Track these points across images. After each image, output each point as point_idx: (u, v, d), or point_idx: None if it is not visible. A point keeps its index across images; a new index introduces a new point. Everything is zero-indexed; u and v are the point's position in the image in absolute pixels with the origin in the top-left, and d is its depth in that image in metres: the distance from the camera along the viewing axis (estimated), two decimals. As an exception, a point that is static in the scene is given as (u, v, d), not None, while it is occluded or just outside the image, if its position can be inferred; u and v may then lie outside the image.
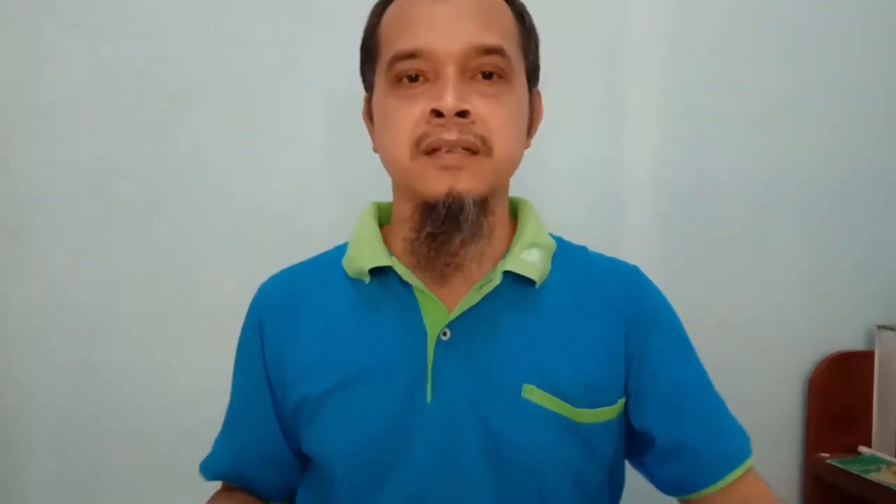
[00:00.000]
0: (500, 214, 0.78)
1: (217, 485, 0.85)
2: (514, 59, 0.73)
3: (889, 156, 1.42)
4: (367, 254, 0.77)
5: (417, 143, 0.70)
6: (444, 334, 0.73)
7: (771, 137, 1.37)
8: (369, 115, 0.80)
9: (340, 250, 0.83)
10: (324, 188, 1.22)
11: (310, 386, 0.74)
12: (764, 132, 1.36)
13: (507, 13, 0.74)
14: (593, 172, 1.30)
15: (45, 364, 1.16)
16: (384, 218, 0.85)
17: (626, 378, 0.76)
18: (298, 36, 1.20)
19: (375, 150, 0.79)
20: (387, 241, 0.79)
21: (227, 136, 1.19)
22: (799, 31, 1.37)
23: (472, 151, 0.69)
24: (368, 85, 0.79)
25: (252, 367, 0.79)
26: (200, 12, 1.18)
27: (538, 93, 0.82)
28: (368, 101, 0.80)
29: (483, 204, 0.71)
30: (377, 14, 0.77)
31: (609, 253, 1.30)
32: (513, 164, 0.75)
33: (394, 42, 0.72)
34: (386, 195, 0.90)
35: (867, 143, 1.40)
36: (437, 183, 0.69)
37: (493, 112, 0.70)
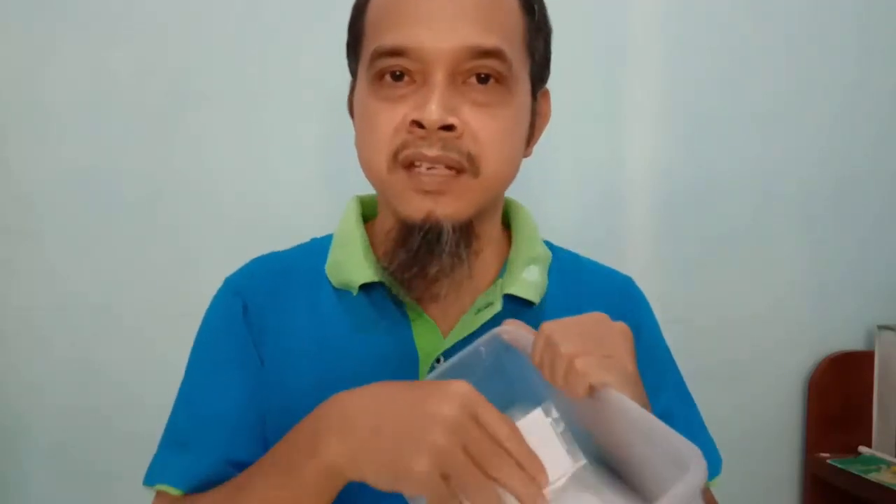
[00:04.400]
0: (489, 233, 0.71)
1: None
2: (517, 63, 0.64)
3: (889, 156, 1.42)
4: (354, 264, 0.69)
5: (395, 154, 0.62)
6: (438, 362, 0.67)
7: (771, 137, 1.37)
8: (351, 107, 0.72)
9: (322, 245, 0.75)
10: (324, 188, 1.22)
11: (286, 402, 0.65)
12: (764, 132, 1.36)
13: (512, 4, 0.65)
14: (593, 172, 1.30)
15: (46, 363, 1.16)
16: (369, 213, 0.77)
17: None
18: (298, 36, 1.21)
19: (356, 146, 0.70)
20: (372, 241, 0.72)
21: (228, 137, 1.19)
22: (798, 31, 1.37)
23: (457, 170, 0.62)
24: (352, 72, 0.72)
25: (244, 345, 0.69)
26: (200, 13, 1.18)
27: (546, 92, 0.74)
28: (353, 90, 0.72)
29: (465, 230, 0.64)
30: None
31: (609, 253, 1.30)
32: (504, 184, 0.69)
33: (378, 33, 0.64)
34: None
35: (867, 143, 1.40)
36: (414, 206, 0.63)
37: (485, 125, 0.62)
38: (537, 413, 0.52)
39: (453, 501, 0.48)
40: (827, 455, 1.34)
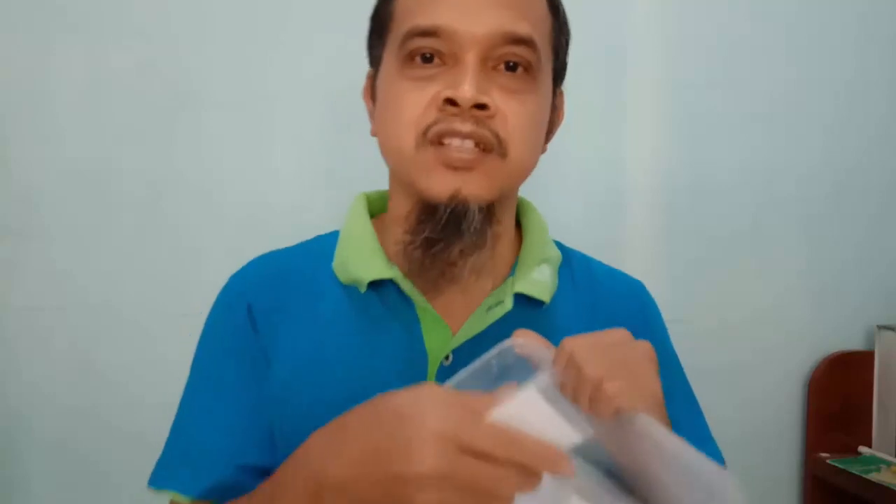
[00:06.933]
0: (507, 223, 0.71)
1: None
2: (544, 55, 0.66)
3: (888, 156, 1.42)
4: (363, 261, 0.68)
5: (425, 131, 0.62)
6: (447, 359, 0.66)
7: (770, 137, 1.37)
8: (371, 94, 0.72)
9: (328, 242, 0.74)
10: (325, 187, 1.22)
11: (293, 402, 0.65)
12: (763, 132, 1.36)
13: (541, 2, 0.67)
14: (594, 173, 1.30)
15: (47, 362, 1.16)
16: (375, 209, 0.76)
17: None
18: (298, 35, 1.21)
19: (374, 134, 0.70)
20: (380, 237, 0.71)
21: (228, 136, 1.19)
22: (798, 31, 1.37)
23: (485, 149, 0.62)
24: (374, 59, 0.71)
25: (248, 351, 0.68)
26: (201, 12, 1.18)
27: (561, 93, 0.75)
28: (372, 78, 0.72)
29: (489, 211, 0.64)
30: None
31: (609, 253, 1.29)
32: (527, 170, 0.69)
33: (411, 15, 0.64)
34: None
35: (866, 143, 1.41)
36: (441, 183, 0.62)
37: (514, 109, 0.63)
38: (531, 391, 0.49)
39: None
40: (827, 455, 1.34)
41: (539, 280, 0.69)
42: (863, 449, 1.35)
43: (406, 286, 0.66)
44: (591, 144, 1.30)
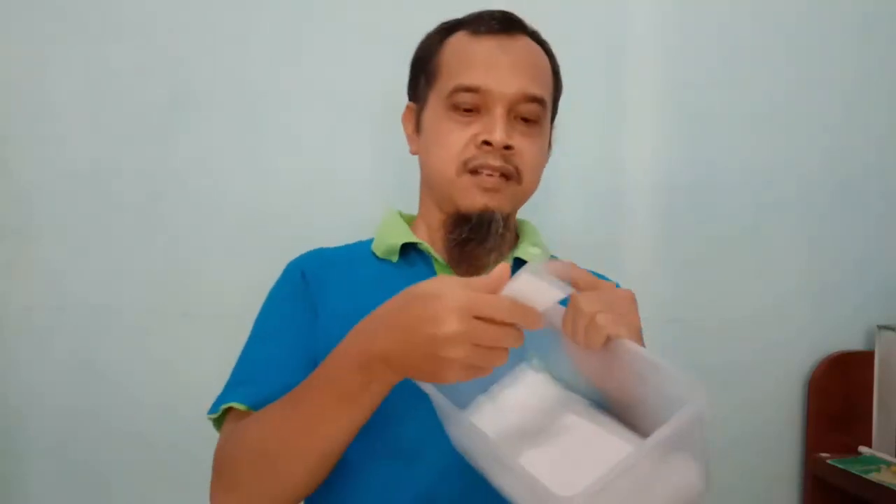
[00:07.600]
0: (512, 228, 0.94)
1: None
2: (548, 107, 0.90)
3: (888, 156, 1.42)
4: (398, 235, 0.91)
5: (465, 163, 0.85)
6: None
7: (771, 137, 1.37)
8: (413, 123, 0.94)
9: (367, 241, 0.95)
10: (323, 188, 1.22)
11: (333, 338, 0.74)
12: (764, 132, 1.36)
13: (548, 69, 0.91)
14: (593, 172, 1.30)
15: (46, 363, 1.16)
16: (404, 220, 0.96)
17: None
18: (298, 36, 1.21)
19: (414, 153, 0.93)
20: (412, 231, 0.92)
21: (227, 137, 1.19)
22: (799, 31, 1.37)
23: (507, 177, 0.86)
24: (417, 96, 0.93)
25: (300, 301, 0.86)
26: (200, 12, 1.18)
27: (554, 126, 0.96)
28: (413, 110, 0.94)
29: (507, 220, 0.87)
30: (439, 40, 0.91)
31: (609, 253, 1.30)
32: (532, 192, 0.91)
33: (457, 74, 0.86)
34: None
35: (867, 143, 1.40)
36: (477, 200, 0.85)
37: (528, 149, 0.86)
38: (523, 273, 0.61)
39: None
40: (827, 455, 1.34)
41: (532, 253, 0.91)
42: (863, 449, 1.36)
43: (427, 248, 0.89)
44: (592, 144, 1.30)
